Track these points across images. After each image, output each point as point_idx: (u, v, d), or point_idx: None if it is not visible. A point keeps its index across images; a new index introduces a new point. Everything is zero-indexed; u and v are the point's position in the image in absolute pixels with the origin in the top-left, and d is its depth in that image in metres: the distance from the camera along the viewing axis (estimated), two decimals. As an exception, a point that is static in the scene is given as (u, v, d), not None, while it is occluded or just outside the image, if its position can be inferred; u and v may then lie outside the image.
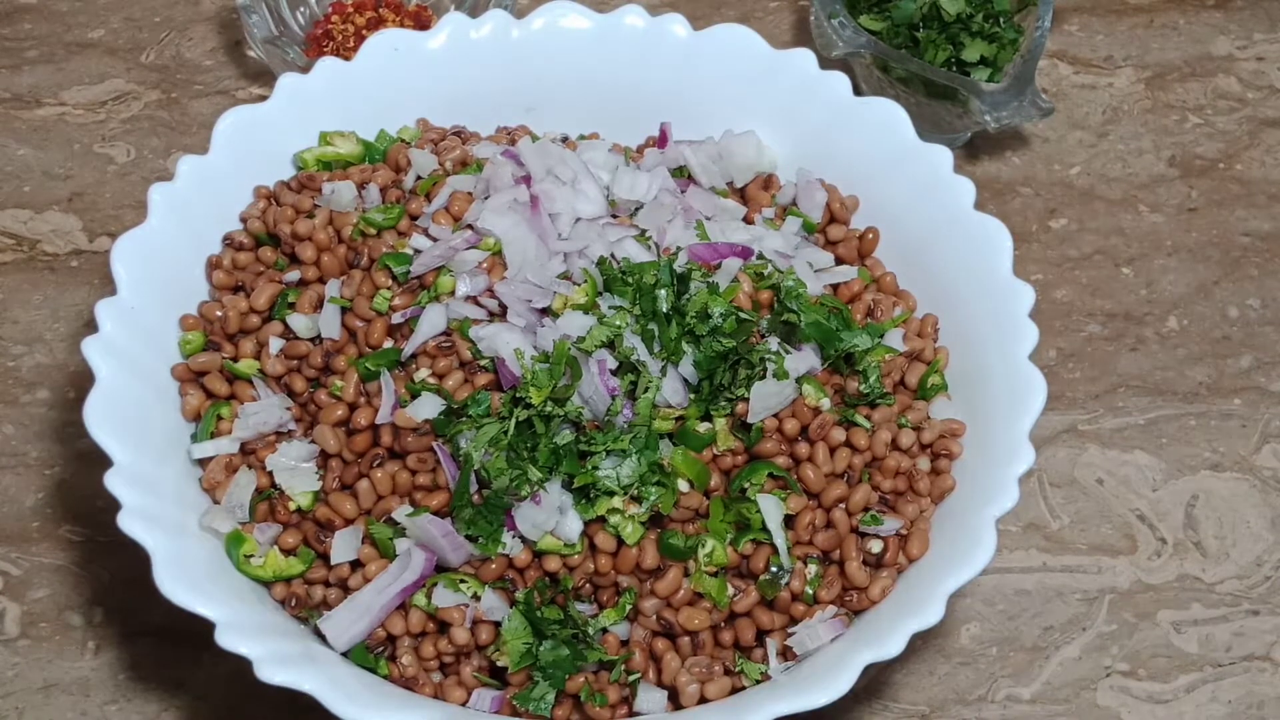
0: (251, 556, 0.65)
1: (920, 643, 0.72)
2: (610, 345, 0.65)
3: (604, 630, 0.63)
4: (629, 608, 0.63)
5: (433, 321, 0.66)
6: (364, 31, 0.92)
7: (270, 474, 0.66)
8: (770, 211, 0.75)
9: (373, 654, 0.63)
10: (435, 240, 0.69)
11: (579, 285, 0.67)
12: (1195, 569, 0.76)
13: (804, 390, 0.67)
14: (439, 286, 0.68)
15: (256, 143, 0.75)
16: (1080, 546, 0.76)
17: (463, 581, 0.63)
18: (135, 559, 0.60)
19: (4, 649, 0.72)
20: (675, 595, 0.64)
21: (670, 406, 0.65)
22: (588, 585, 0.64)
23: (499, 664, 0.63)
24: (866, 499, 0.66)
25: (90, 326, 0.66)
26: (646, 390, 0.64)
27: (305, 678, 0.57)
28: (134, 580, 0.67)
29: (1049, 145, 0.93)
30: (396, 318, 0.67)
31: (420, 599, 0.63)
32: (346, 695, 0.58)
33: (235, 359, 0.69)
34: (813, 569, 0.65)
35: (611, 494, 0.63)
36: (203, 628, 0.59)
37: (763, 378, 0.66)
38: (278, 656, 0.58)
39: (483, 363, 0.66)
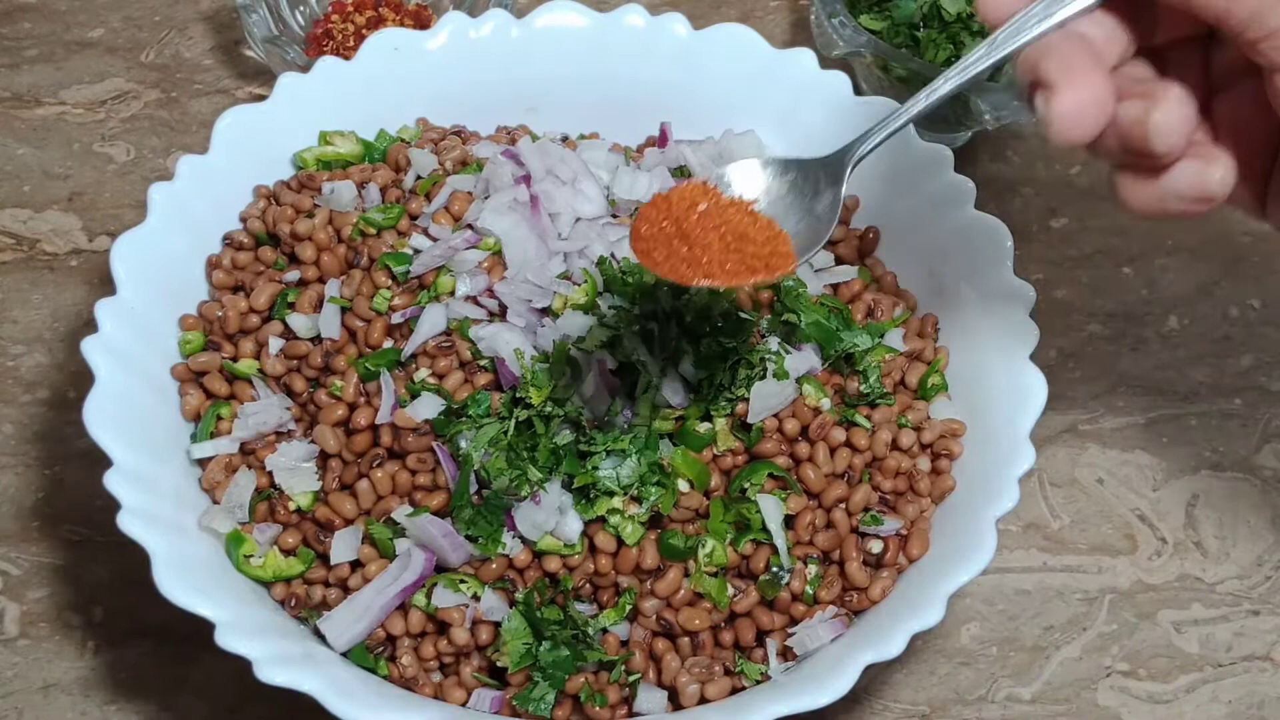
0: (251, 556, 0.65)
1: (920, 643, 0.72)
2: (610, 345, 0.65)
3: (604, 630, 0.63)
4: (629, 608, 0.63)
5: (433, 321, 0.66)
6: (364, 31, 0.92)
7: (270, 474, 0.66)
8: (770, 211, 0.75)
9: (373, 654, 0.63)
10: (435, 240, 0.69)
11: (579, 285, 0.67)
12: (1195, 569, 0.76)
13: (804, 390, 0.67)
14: (439, 286, 0.68)
15: (256, 142, 0.74)
16: (1080, 546, 0.76)
17: (462, 582, 0.63)
18: (135, 559, 0.60)
19: (4, 649, 0.72)
20: (675, 595, 0.64)
21: (670, 407, 0.65)
22: (588, 585, 0.64)
23: (499, 664, 0.63)
24: (867, 499, 0.66)
25: (90, 326, 0.66)
26: (646, 390, 0.64)
27: (305, 678, 0.57)
28: (134, 580, 0.67)
29: (1049, 145, 0.93)
30: (396, 318, 0.67)
31: (420, 599, 0.63)
32: (346, 695, 0.58)
33: (235, 359, 0.69)
34: (813, 569, 0.65)
35: (611, 494, 0.63)
36: (203, 628, 0.58)
37: (763, 378, 0.66)
38: (278, 656, 0.58)
39: (483, 363, 0.66)
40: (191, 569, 0.61)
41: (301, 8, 0.94)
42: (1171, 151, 0.51)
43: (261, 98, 0.77)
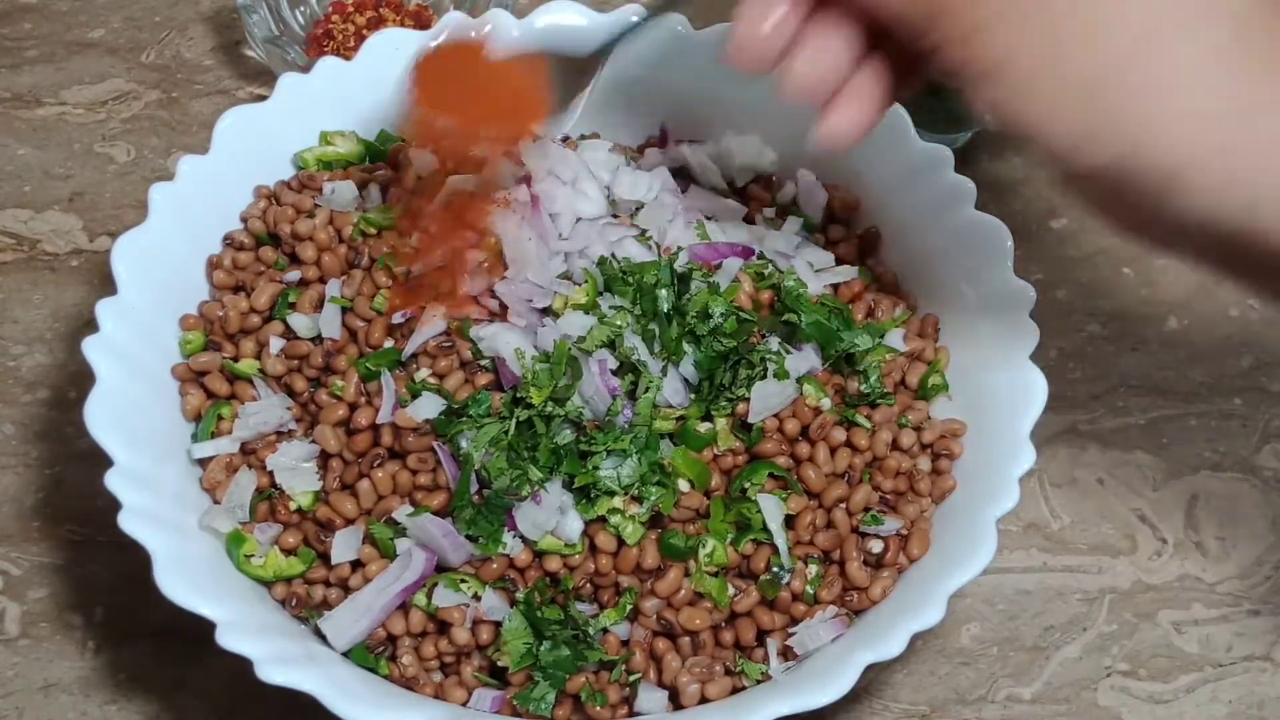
0: (252, 556, 0.65)
1: (920, 643, 0.72)
2: (611, 345, 0.65)
3: (604, 630, 0.63)
4: (629, 608, 0.63)
5: (433, 322, 0.66)
6: (364, 31, 0.92)
7: (270, 474, 0.66)
8: (771, 211, 0.75)
9: (373, 654, 0.63)
10: (436, 240, 0.69)
11: (579, 285, 0.67)
12: (1196, 569, 0.76)
13: (804, 390, 0.67)
14: (439, 286, 0.68)
15: (256, 142, 0.74)
16: (1080, 546, 0.76)
17: (463, 581, 0.63)
18: (135, 559, 0.60)
19: (4, 649, 0.72)
20: (676, 595, 0.64)
21: (671, 406, 0.65)
22: (588, 585, 0.64)
23: (499, 664, 0.63)
24: (867, 499, 0.66)
25: (90, 326, 0.66)
26: (647, 390, 0.64)
27: (306, 678, 0.57)
28: (134, 580, 0.67)
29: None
30: (397, 318, 0.67)
31: (421, 599, 0.63)
32: (347, 695, 0.58)
33: (235, 359, 0.69)
34: (813, 569, 0.65)
35: (612, 494, 0.63)
36: (203, 628, 0.58)
37: (763, 378, 0.66)
38: (278, 656, 0.58)
39: (483, 363, 0.66)
40: (192, 569, 0.61)
41: (302, 8, 0.95)
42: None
43: (262, 98, 0.77)
